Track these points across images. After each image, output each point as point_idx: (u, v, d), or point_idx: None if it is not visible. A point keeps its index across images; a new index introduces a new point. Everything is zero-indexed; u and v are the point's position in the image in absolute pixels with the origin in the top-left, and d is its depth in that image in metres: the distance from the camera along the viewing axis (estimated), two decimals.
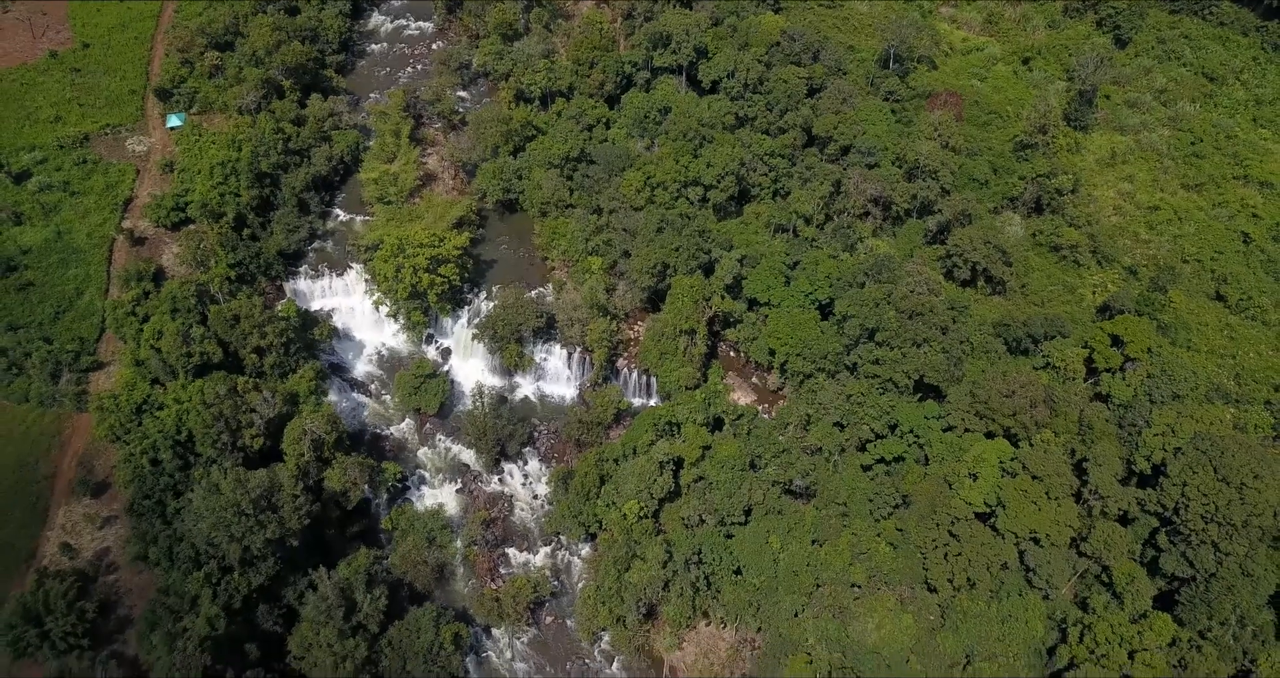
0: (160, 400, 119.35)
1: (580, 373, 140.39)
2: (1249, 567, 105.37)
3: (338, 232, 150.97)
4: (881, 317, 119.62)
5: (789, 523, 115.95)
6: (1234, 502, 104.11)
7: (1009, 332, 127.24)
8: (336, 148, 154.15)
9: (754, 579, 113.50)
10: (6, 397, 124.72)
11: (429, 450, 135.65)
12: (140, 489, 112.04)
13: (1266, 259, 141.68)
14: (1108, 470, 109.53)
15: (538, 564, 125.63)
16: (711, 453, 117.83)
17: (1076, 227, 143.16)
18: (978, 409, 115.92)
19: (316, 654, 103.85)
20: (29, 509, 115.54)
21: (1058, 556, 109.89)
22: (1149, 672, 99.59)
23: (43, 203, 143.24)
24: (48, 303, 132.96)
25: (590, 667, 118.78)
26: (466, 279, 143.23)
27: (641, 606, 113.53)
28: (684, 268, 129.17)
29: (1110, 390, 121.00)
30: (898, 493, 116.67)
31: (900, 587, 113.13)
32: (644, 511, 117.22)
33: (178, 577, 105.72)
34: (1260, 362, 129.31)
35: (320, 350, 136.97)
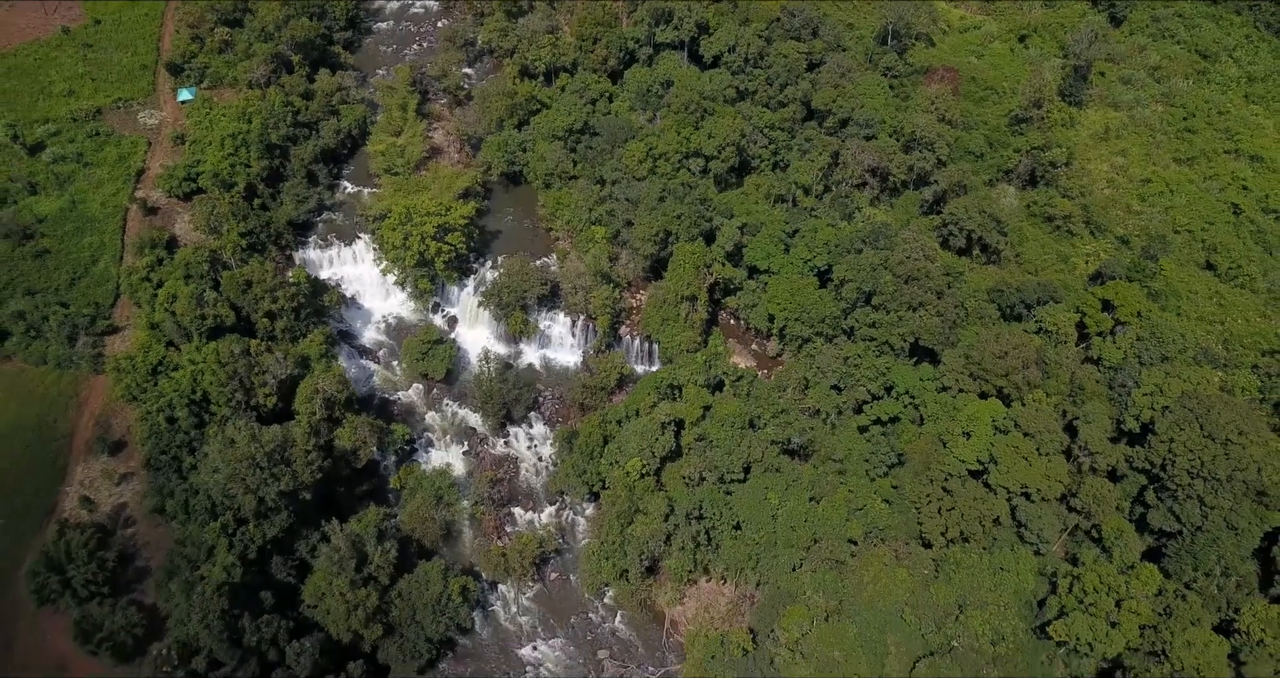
0: (175, 362, 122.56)
1: (584, 340, 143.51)
2: (1233, 520, 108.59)
3: (346, 203, 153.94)
4: (878, 281, 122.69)
5: (787, 481, 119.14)
6: (1219, 457, 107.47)
7: (1003, 297, 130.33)
8: (344, 121, 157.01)
9: (753, 535, 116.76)
10: (25, 359, 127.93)
11: (436, 415, 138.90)
12: (157, 446, 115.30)
13: (1256, 230, 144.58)
14: (1097, 428, 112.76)
15: (543, 523, 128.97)
16: (712, 413, 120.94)
17: (1070, 198, 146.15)
18: (971, 370, 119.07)
19: (329, 603, 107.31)
20: (49, 466, 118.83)
21: (1048, 511, 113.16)
22: (1135, 619, 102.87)
23: (57, 173, 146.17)
24: (63, 269, 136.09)
25: (594, 621, 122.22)
26: (472, 249, 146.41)
27: (644, 559, 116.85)
28: (686, 235, 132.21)
29: (1101, 353, 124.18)
30: (893, 452, 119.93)
31: (895, 542, 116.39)
32: (646, 469, 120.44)
33: (194, 528, 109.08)
34: (1248, 327, 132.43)
35: (329, 317, 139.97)
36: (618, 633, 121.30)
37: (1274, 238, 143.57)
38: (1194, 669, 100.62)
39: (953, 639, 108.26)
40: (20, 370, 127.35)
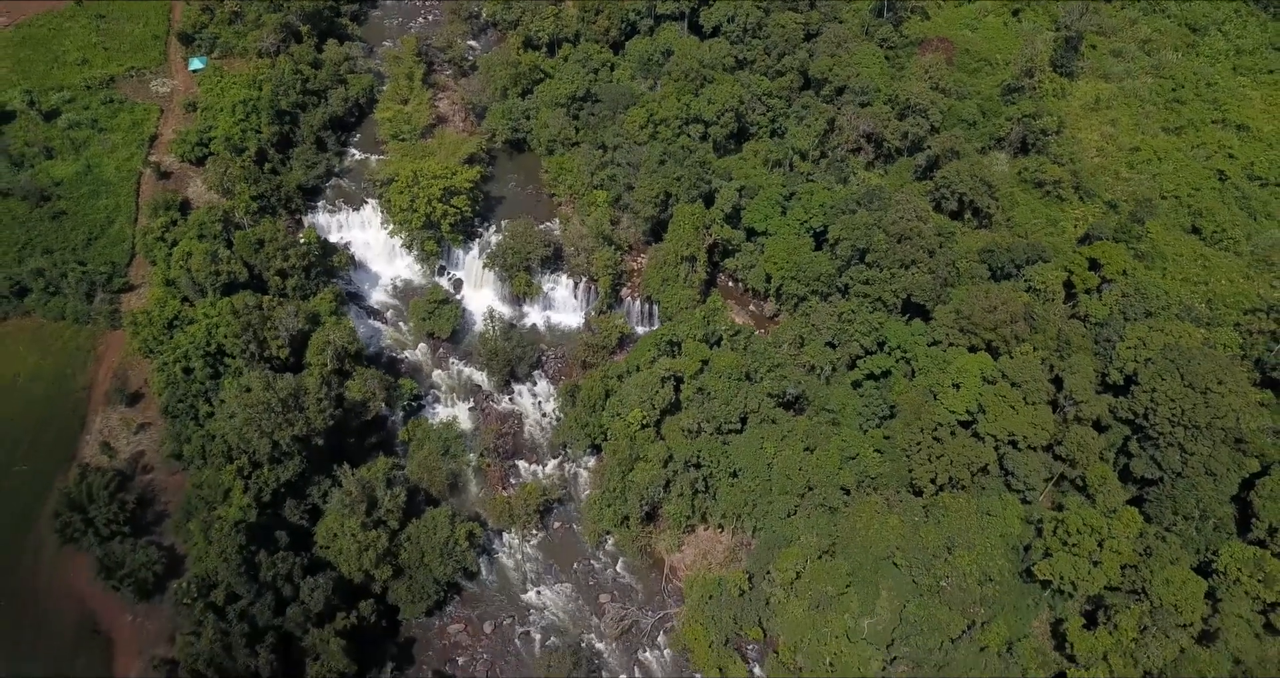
0: (190, 316, 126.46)
1: (586, 302, 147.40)
2: (1211, 466, 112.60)
3: (353, 170, 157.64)
4: (871, 239, 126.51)
5: (782, 431, 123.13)
6: (1199, 405, 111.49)
7: (993, 258, 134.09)
8: (352, 90, 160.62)
9: (749, 483, 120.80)
10: (44, 315, 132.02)
11: (443, 373, 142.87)
12: (174, 395, 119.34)
13: (1241, 196, 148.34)
14: (1082, 377, 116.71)
15: (546, 474, 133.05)
16: (710, 366, 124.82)
17: (1060, 164, 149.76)
18: (961, 325, 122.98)
19: (341, 543, 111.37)
20: (69, 415, 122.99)
21: (1034, 459, 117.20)
22: (1116, 559, 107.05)
23: (72, 139, 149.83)
24: (80, 230, 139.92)
25: (596, 567, 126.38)
26: (477, 213, 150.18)
27: (644, 505, 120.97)
28: (685, 197, 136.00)
29: (1087, 310, 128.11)
30: (885, 404, 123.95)
31: (887, 490, 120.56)
32: (646, 419, 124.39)
33: (211, 473, 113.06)
34: (1231, 288, 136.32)
35: (339, 278, 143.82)
36: (619, 579, 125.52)
37: (1258, 203, 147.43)
38: (1172, 606, 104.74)
39: (941, 580, 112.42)
40: (39, 326, 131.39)
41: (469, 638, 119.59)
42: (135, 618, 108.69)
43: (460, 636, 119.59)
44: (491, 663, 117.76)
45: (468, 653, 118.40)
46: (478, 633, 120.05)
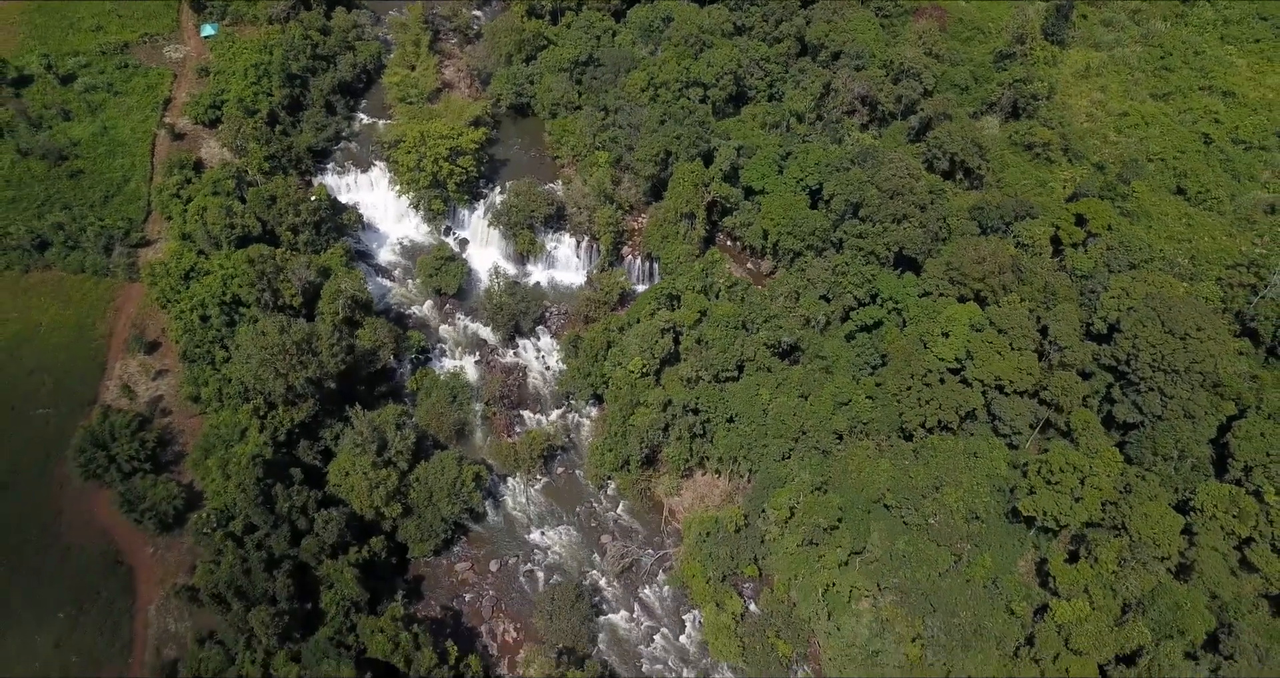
0: (206, 268, 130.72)
1: (588, 261, 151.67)
2: (1190, 409, 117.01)
3: (362, 134, 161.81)
4: (865, 194, 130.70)
5: (777, 379, 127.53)
6: (1178, 350, 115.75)
7: (983, 215, 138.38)
8: (360, 56, 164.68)
9: (745, 427, 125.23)
10: (64, 268, 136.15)
11: (449, 328, 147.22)
12: (191, 340, 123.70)
13: (1225, 158, 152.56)
14: (1067, 325, 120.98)
15: (550, 422, 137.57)
16: (708, 316, 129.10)
17: (1050, 128, 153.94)
18: (951, 276, 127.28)
19: (353, 480, 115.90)
20: (89, 362, 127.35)
21: (1020, 404, 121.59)
22: (1097, 494, 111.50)
23: (89, 102, 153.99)
24: (97, 188, 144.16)
25: (597, 510, 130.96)
26: (482, 175, 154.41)
27: (644, 448, 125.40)
28: (685, 155, 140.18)
29: (1073, 263, 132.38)
30: (877, 353, 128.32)
31: (878, 436, 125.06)
32: (647, 368, 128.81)
33: (227, 414, 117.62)
34: (1214, 245, 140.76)
35: (348, 235, 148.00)
36: (620, 521, 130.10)
37: (1241, 165, 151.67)
38: (1150, 539, 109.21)
39: (930, 518, 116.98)
40: (60, 278, 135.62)
41: (475, 576, 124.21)
42: (156, 550, 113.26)
43: (467, 573, 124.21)
44: (497, 599, 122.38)
45: (474, 590, 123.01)
46: (484, 571, 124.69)
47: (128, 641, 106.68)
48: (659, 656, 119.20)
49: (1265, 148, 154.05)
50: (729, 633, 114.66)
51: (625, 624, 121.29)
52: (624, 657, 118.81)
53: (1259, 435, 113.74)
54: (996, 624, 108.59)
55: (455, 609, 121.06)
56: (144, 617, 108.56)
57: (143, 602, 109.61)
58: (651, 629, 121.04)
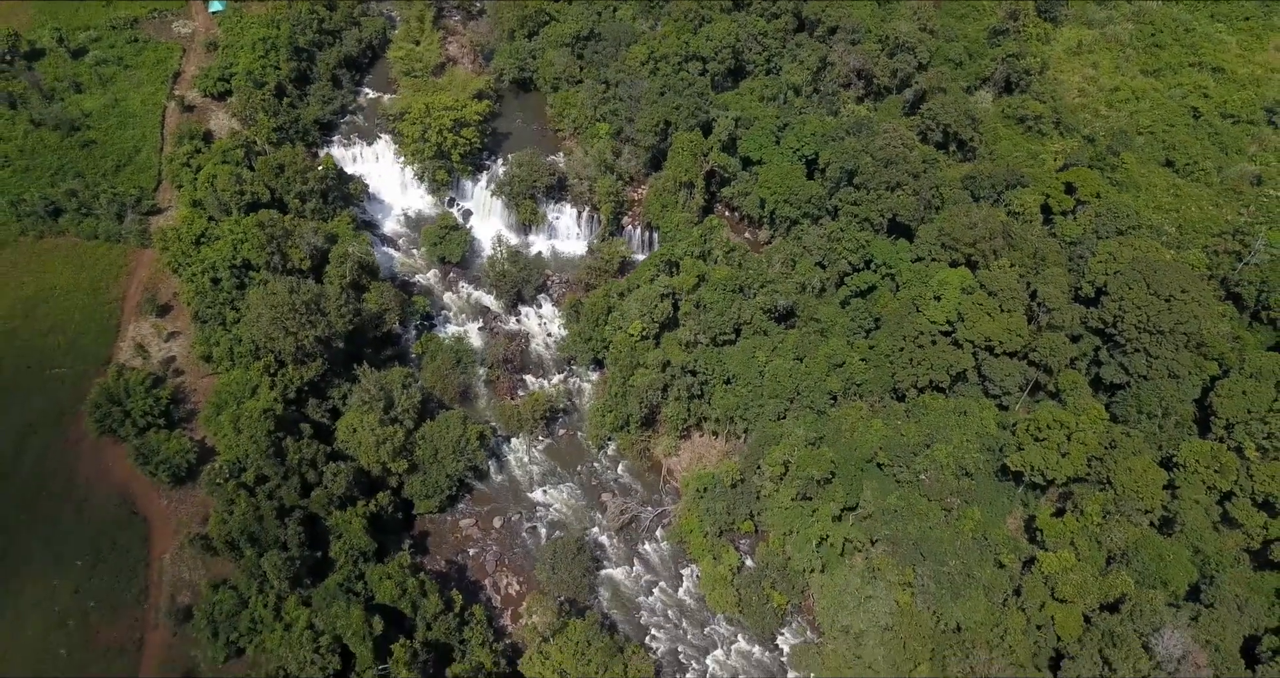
0: (216, 233, 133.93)
1: (589, 231, 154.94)
2: (1174, 368, 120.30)
3: (367, 107, 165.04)
4: (859, 162, 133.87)
5: (773, 342, 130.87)
6: (1163, 311, 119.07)
7: (975, 184, 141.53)
8: (365, 31, 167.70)
9: (742, 388, 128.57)
10: (78, 234, 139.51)
11: (453, 295, 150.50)
12: (203, 302, 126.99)
13: (1213, 132, 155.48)
14: (1055, 287, 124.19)
15: (552, 385, 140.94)
16: (706, 280, 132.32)
17: (1041, 102, 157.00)
18: (943, 241, 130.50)
19: (361, 436, 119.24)
20: (103, 323, 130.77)
21: (1009, 365, 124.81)
22: (1083, 450, 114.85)
23: (100, 75, 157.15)
24: (109, 158, 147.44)
25: (598, 469, 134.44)
26: (485, 147, 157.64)
27: (643, 408, 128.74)
28: (684, 125, 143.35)
29: (1062, 230, 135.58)
30: (871, 317, 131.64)
31: (871, 397, 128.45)
32: (646, 331, 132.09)
33: (238, 372, 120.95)
34: (1200, 214, 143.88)
35: (354, 204, 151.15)
36: (620, 480, 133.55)
37: (1229, 139, 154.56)
38: (1134, 492, 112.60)
39: (921, 474, 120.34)
40: (74, 244, 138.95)
41: (479, 532, 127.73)
42: (169, 503, 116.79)
43: (471, 530, 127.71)
44: (500, 554, 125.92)
45: (478, 545, 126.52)
46: (487, 527, 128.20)
47: (143, 587, 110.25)
48: (658, 608, 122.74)
49: (1253, 122, 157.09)
50: (725, 584, 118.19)
51: (625, 578, 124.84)
52: (624, 609, 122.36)
53: (1240, 394, 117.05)
54: (985, 574, 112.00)
55: (459, 564, 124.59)
56: (158, 565, 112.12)
57: (157, 551, 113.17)
58: (651, 583, 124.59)
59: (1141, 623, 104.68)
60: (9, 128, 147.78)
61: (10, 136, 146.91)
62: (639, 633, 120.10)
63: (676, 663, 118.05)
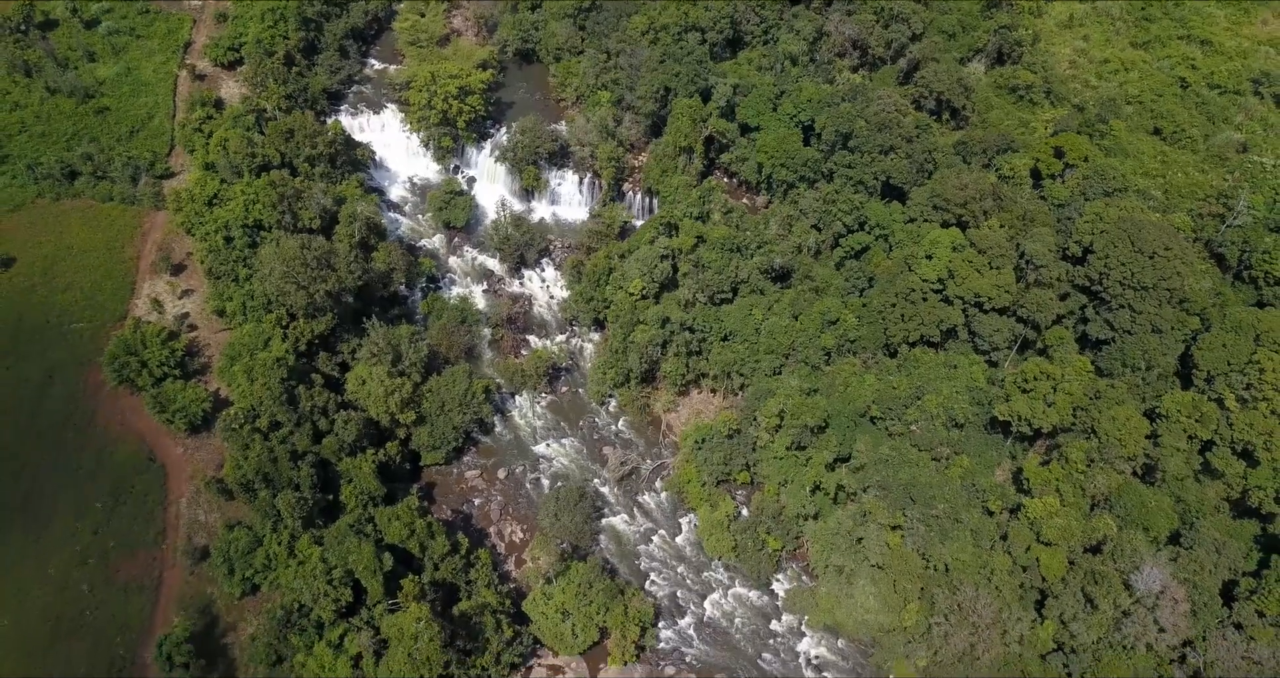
0: (228, 195, 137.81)
1: (590, 197, 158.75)
2: (1158, 323, 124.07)
3: (373, 78, 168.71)
4: (854, 125, 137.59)
5: (770, 301, 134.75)
6: (1147, 268, 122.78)
7: (966, 149, 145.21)
8: (371, 3, 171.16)
9: (739, 345, 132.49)
10: (93, 197, 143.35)
11: (458, 259, 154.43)
12: (216, 259, 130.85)
13: (1200, 101, 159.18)
14: (1042, 245, 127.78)
15: (555, 343, 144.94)
16: (705, 240, 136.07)
17: (1033, 72, 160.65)
18: (935, 202, 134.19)
19: (370, 387, 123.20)
20: (120, 281, 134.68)
21: (998, 320, 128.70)
22: (1068, 399, 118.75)
23: (113, 44, 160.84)
24: (123, 124, 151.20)
25: (599, 424, 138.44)
26: (489, 116, 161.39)
27: (644, 363, 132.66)
28: (684, 91, 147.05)
29: (1050, 193, 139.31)
30: (864, 277, 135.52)
31: (864, 353, 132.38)
32: (646, 291, 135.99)
33: (251, 326, 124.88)
34: (1187, 179, 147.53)
35: (362, 169, 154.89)
36: (620, 434, 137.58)
37: (1216, 108, 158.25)
38: (1117, 440, 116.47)
39: (911, 425, 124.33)
40: (89, 206, 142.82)
41: (484, 483, 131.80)
42: (185, 450, 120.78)
43: (476, 481, 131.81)
44: (505, 504, 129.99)
45: (483, 495, 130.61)
46: (492, 479, 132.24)
47: (161, 529, 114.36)
48: (657, 555, 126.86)
49: (1239, 92, 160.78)
50: (722, 530, 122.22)
51: (625, 526, 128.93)
52: (624, 555, 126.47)
53: (1220, 346, 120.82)
54: (973, 518, 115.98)
55: (465, 513, 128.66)
56: (175, 508, 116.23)
57: (173, 495, 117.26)
58: (650, 531, 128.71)
59: (1123, 562, 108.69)
60: (25, 95, 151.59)
61: (27, 103, 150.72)
62: (639, 578, 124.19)
63: (675, 606, 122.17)
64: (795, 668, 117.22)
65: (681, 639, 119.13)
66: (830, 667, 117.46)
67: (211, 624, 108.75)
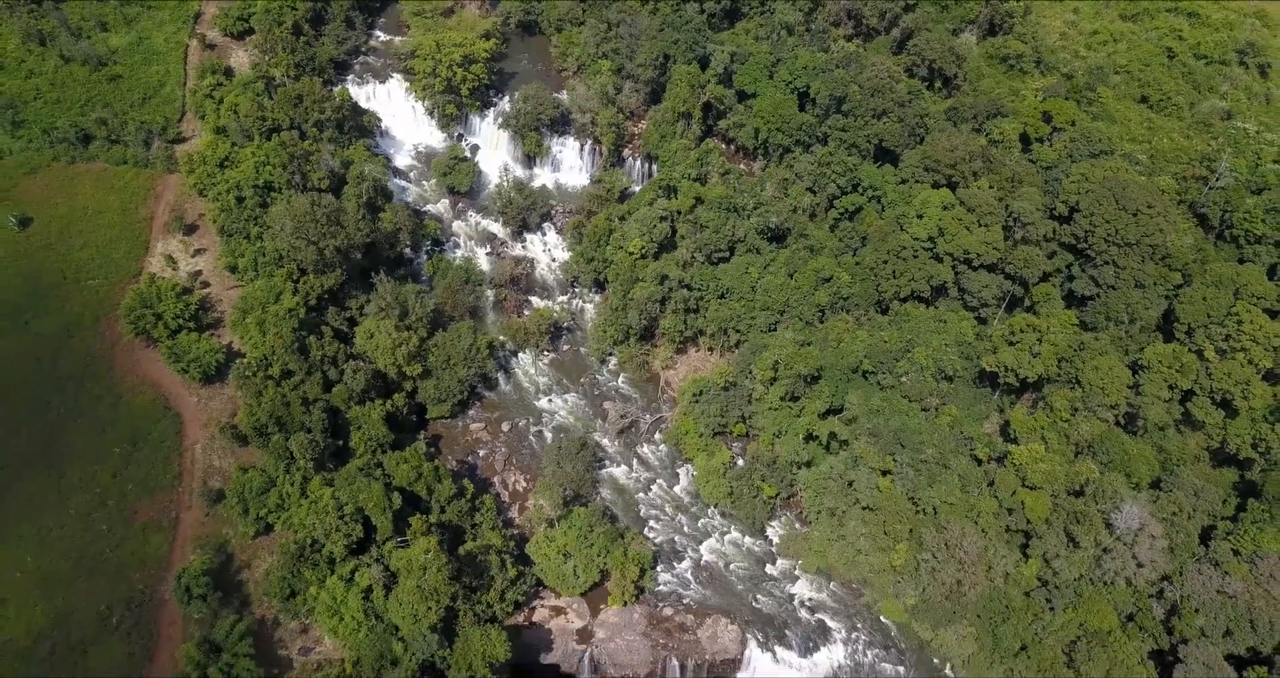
0: (239, 158, 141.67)
1: (591, 163, 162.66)
2: (1140, 278, 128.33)
3: (379, 49, 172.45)
4: (848, 90, 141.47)
5: (766, 260, 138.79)
6: (1130, 224, 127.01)
7: (957, 115, 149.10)
8: None
9: (735, 302, 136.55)
10: (107, 160, 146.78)
11: (462, 223, 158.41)
12: (228, 217, 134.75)
13: (1186, 71, 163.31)
14: (1030, 203, 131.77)
15: (557, 303, 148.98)
16: (703, 200, 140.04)
17: (1024, 42, 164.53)
18: (926, 164, 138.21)
19: (378, 340, 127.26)
20: (134, 240, 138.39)
21: (986, 277, 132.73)
22: (1053, 350, 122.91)
23: (124, 14, 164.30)
24: (135, 91, 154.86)
25: (600, 381, 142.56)
26: (492, 85, 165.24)
27: (643, 319, 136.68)
28: (683, 58, 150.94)
29: (1038, 156, 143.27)
30: (858, 236, 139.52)
31: (857, 310, 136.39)
32: (645, 250, 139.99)
33: (263, 281, 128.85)
34: (1171, 144, 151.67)
35: (369, 135, 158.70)
36: (620, 390, 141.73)
37: (1201, 77, 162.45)
38: (1099, 388, 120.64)
39: (902, 376, 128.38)
40: (104, 169, 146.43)
41: (489, 436, 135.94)
42: (200, 400, 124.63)
43: (481, 433, 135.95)
44: (508, 455, 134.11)
45: (487, 447, 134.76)
46: (496, 432, 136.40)
47: (177, 473, 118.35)
48: (655, 503, 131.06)
49: (1225, 62, 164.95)
50: (718, 476, 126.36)
51: (625, 476, 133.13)
52: (624, 503, 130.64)
53: (1201, 300, 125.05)
54: (960, 464, 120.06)
55: (470, 463, 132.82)
56: (191, 454, 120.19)
57: (189, 442, 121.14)
58: (649, 480, 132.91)
59: (1104, 503, 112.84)
60: (40, 63, 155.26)
61: (41, 71, 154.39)
62: (638, 524, 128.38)
63: (673, 551, 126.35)
64: (790, 610, 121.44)
65: (679, 582, 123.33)
66: (823, 608, 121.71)
67: (227, 562, 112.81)
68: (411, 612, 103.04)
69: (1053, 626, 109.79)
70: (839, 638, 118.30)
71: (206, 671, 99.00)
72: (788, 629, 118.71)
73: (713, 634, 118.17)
